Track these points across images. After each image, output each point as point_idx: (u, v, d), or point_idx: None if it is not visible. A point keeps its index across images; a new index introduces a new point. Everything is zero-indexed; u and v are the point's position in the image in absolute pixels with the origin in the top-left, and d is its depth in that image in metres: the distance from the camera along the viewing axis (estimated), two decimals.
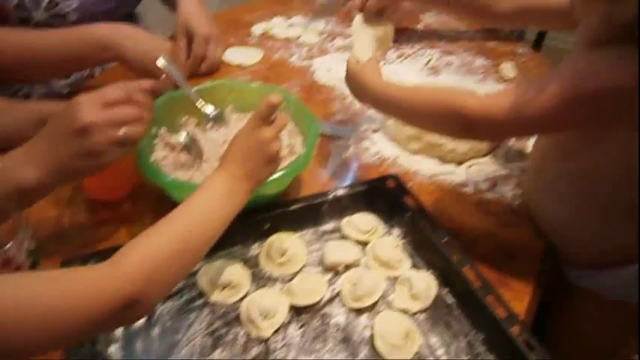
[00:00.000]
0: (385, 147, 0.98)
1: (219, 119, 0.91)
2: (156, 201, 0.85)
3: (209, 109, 0.90)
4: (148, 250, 0.58)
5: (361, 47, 0.87)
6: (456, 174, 0.93)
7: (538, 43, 1.58)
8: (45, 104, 0.85)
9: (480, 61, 1.24)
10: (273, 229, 0.80)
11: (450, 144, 0.94)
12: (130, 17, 1.28)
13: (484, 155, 0.97)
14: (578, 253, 0.86)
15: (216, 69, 1.18)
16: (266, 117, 0.71)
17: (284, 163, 0.83)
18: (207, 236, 0.64)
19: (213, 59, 1.16)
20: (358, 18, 0.91)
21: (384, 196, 0.84)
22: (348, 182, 0.92)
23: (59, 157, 0.64)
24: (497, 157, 0.97)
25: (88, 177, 0.75)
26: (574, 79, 0.65)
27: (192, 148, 0.84)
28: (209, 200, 0.66)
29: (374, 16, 0.89)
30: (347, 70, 0.89)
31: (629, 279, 0.83)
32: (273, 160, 0.72)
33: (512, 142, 1.00)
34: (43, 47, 0.98)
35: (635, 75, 0.61)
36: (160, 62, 0.91)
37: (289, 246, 0.77)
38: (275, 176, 0.76)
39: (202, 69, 1.15)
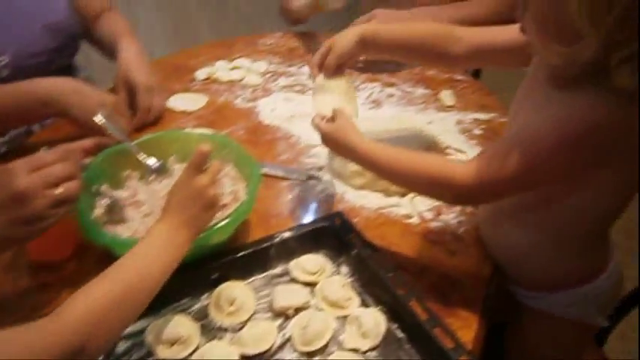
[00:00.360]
0: (331, 184, 1.00)
1: (162, 171, 0.91)
2: (101, 260, 0.83)
3: (151, 161, 0.90)
4: (89, 300, 0.59)
5: (324, 104, 0.87)
6: (401, 206, 0.95)
7: (476, 70, 1.63)
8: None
9: (420, 91, 1.28)
10: (222, 278, 0.80)
11: None
12: (69, 69, 1.27)
13: None
14: (531, 277, 0.89)
15: (160, 117, 1.18)
16: (199, 165, 0.73)
17: (228, 210, 0.84)
18: (149, 285, 0.65)
19: (158, 109, 1.16)
20: (320, 77, 0.91)
21: (330, 235, 0.85)
22: (296, 223, 0.92)
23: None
24: None
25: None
26: (556, 127, 0.66)
27: (114, 210, 0.84)
28: (149, 251, 0.67)
29: (334, 71, 0.91)
30: (321, 132, 0.86)
31: (579, 298, 0.86)
32: (211, 206, 0.73)
33: None
34: None
35: (616, 114, 0.63)
36: (98, 118, 0.90)
37: (238, 294, 0.77)
38: (219, 225, 0.77)
39: (150, 119, 1.15)
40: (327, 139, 0.86)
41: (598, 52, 0.61)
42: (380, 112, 1.20)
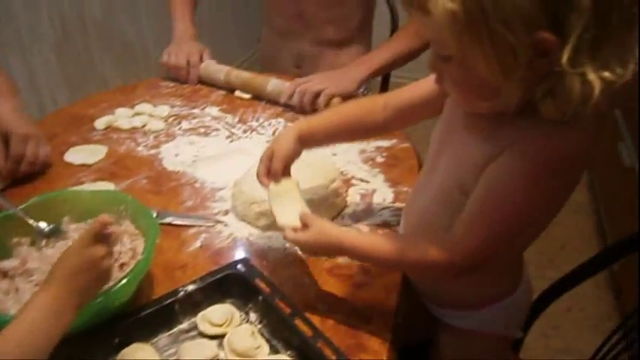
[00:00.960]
0: (237, 228, 0.99)
1: (55, 233, 0.87)
2: None
3: (42, 225, 0.86)
4: None
5: (286, 213, 0.85)
6: None
7: (384, 88, 1.70)
8: None
9: None
10: (126, 342, 0.77)
11: None
12: None
13: (332, 218, 1.00)
14: (457, 298, 0.91)
15: (44, 168, 1.14)
16: (96, 235, 0.70)
17: (128, 269, 0.81)
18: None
19: (33, 157, 1.11)
20: (271, 185, 0.90)
21: (236, 282, 0.84)
22: (204, 272, 0.90)
23: None
24: (345, 219, 1.01)
25: None
26: (522, 169, 0.66)
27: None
28: (32, 324, 0.62)
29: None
30: (302, 245, 0.82)
31: (501, 312, 0.90)
32: (104, 278, 0.71)
33: (359, 203, 1.05)
34: None
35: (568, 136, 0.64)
36: None
37: (141, 358, 0.74)
38: (118, 285, 0.74)
39: (22, 169, 1.10)
40: (310, 248, 0.82)
41: (521, 97, 0.63)
42: None
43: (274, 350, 0.77)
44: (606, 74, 0.58)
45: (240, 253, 0.94)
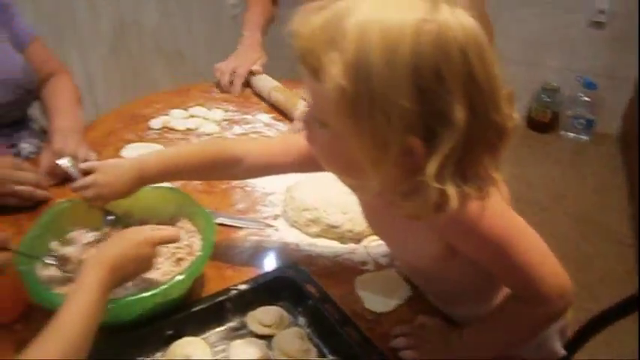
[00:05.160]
0: (287, 233, 1.00)
1: (118, 225, 0.90)
2: (50, 318, 0.82)
3: (109, 217, 0.89)
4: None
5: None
6: (356, 252, 0.96)
7: None
8: None
9: None
10: (177, 335, 0.79)
11: (347, 224, 0.97)
12: (23, 121, 1.27)
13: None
14: None
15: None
16: (161, 241, 0.78)
17: (184, 264, 0.83)
18: (85, 345, 0.64)
19: (78, 153, 1.10)
20: None
21: (287, 286, 0.85)
22: (253, 274, 0.92)
23: None
24: None
25: None
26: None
27: (62, 268, 0.83)
28: (82, 308, 0.66)
29: None
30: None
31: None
32: (139, 277, 0.78)
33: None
34: None
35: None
36: (62, 161, 0.91)
37: (192, 351, 0.76)
38: (174, 281, 0.76)
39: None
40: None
41: (380, 188, 0.62)
42: None
43: (321, 355, 0.78)
44: (466, 189, 0.59)
45: (289, 258, 0.95)
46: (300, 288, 0.84)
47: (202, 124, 1.35)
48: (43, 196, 1.05)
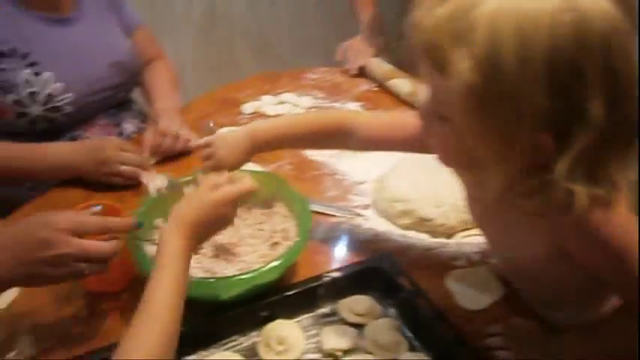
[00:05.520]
0: (377, 223, 1.00)
1: (171, 189, 0.93)
2: None
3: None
4: (141, 352, 0.60)
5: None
6: (447, 247, 0.95)
7: None
8: None
9: None
10: (271, 317, 0.81)
11: (439, 218, 0.96)
12: (125, 103, 1.33)
13: (473, 227, 0.98)
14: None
15: (192, 147, 1.18)
16: (238, 200, 0.75)
17: (279, 248, 0.85)
18: (178, 317, 0.66)
19: (175, 132, 1.17)
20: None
21: (378, 276, 0.85)
22: (342, 262, 0.93)
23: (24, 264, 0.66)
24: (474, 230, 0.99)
25: None
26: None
27: None
28: (173, 278, 0.66)
29: None
30: None
31: None
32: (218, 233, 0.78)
33: None
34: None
35: None
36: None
37: (287, 334, 0.77)
38: (271, 265, 0.78)
39: (166, 142, 1.16)
40: None
41: (501, 186, 0.59)
42: None
43: (412, 348, 0.78)
44: (596, 191, 0.55)
45: (378, 248, 0.95)
46: (392, 279, 0.84)
47: (292, 110, 1.37)
48: (144, 176, 1.11)
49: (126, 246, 0.82)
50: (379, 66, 1.50)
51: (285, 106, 1.38)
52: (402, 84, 1.41)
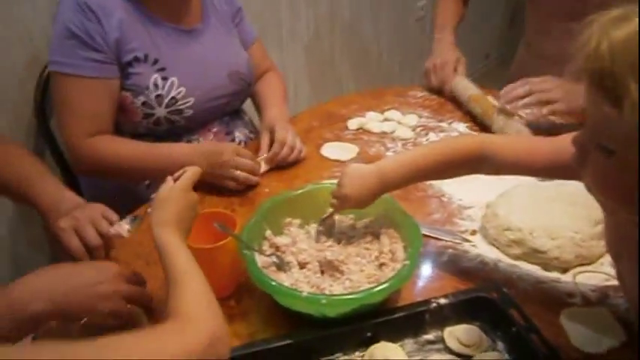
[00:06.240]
0: (485, 250, 0.97)
1: (327, 220, 0.95)
2: (257, 299, 0.88)
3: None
4: (192, 298, 0.66)
5: None
6: (561, 282, 0.90)
7: None
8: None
9: None
10: (374, 338, 0.80)
11: (554, 251, 0.91)
12: (237, 112, 1.39)
13: (590, 263, 0.93)
14: None
15: (299, 157, 1.24)
16: (193, 183, 0.82)
17: (385, 270, 0.85)
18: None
19: (292, 143, 1.22)
20: None
21: (487, 306, 0.82)
22: (448, 288, 0.90)
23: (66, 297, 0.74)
24: (606, 265, 0.93)
25: None
26: None
27: (282, 265, 0.88)
28: (188, 257, 0.73)
29: None
30: None
31: None
32: (194, 217, 0.82)
33: None
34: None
35: None
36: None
37: (391, 356, 0.77)
38: (381, 287, 0.78)
39: (283, 153, 1.20)
40: None
41: None
42: None
43: None
44: None
45: (487, 277, 0.92)
46: (503, 311, 0.81)
47: (397, 128, 1.36)
48: (255, 182, 1.15)
49: (236, 254, 0.85)
50: (464, 88, 1.44)
51: (390, 124, 1.38)
52: (479, 111, 1.36)
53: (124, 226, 0.88)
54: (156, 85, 1.16)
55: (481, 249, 0.98)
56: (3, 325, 0.69)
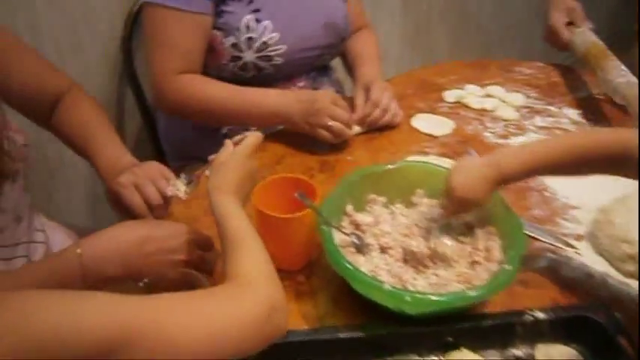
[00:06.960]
0: (592, 261, 0.85)
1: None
2: (329, 278, 0.82)
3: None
4: (253, 264, 0.63)
5: None
6: None
7: None
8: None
9: None
10: (454, 344, 0.72)
11: None
12: (325, 69, 1.31)
13: None
14: None
15: (394, 122, 1.15)
16: (251, 152, 0.77)
17: (478, 270, 0.76)
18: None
19: (387, 105, 1.13)
20: None
21: (591, 328, 0.71)
22: (545, 299, 0.79)
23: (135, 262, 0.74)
24: None
25: (267, 245, 0.72)
26: None
27: (361, 247, 0.80)
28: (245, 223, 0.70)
29: None
30: None
31: None
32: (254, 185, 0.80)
33: None
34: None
35: None
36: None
37: None
38: (474, 293, 0.69)
39: (376, 114, 1.12)
40: None
41: None
42: None
43: None
44: None
45: (592, 294, 0.80)
46: (609, 337, 0.70)
47: (499, 106, 1.23)
48: (349, 136, 1.08)
49: (313, 228, 0.78)
50: (582, 40, 1.27)
51: (492, 101, 1.24)
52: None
53: (180, 187, 0.84)
54: (248, 27, 1.10)
55: (587, 258, 0.86)
56: (76, 287, 0.69)
